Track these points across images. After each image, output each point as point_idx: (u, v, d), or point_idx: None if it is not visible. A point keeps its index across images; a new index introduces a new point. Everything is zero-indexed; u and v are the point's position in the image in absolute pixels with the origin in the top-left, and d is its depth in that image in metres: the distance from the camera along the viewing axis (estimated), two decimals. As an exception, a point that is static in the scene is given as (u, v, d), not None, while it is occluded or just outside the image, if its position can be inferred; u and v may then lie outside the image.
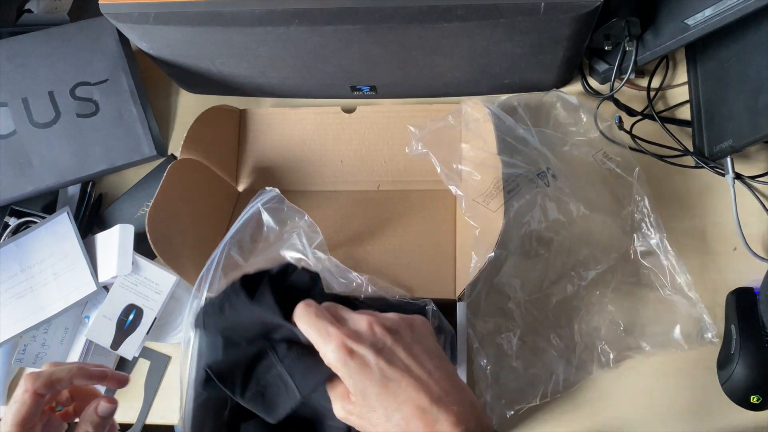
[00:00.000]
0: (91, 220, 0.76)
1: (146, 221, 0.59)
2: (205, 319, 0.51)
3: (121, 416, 0.72)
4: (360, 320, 0.44)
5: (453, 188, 0.64)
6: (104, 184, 0.80)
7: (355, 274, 0.60)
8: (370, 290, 0.60)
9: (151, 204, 0.61)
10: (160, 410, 0.72)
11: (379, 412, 0.41)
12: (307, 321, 0.44)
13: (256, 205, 0.62)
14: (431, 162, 0.66)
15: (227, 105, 0.75)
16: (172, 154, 0.78)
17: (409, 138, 0.68)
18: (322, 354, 0.43)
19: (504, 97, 0.68)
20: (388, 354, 0.42)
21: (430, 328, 0.47)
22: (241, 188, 0.76)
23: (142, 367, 0.73)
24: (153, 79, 0.80)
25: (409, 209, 0.71)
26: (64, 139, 0.74)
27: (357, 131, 0.74)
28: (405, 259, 0.67)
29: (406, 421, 0.40)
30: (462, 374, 0.58)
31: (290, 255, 0.62)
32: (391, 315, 0.45)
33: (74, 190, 0.77)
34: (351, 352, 0.41)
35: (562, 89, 0.74)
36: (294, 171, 0.75)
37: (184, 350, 0.60)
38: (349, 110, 0.75)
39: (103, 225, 0.75)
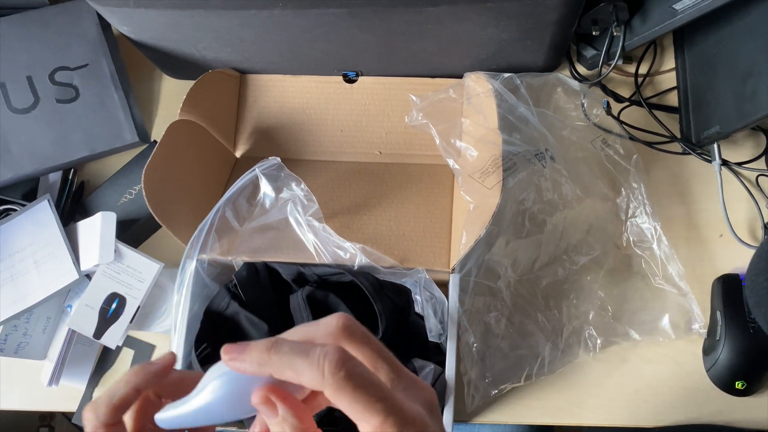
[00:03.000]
0: (72, 207, 0.75)
1: (142, 178, 0.59)
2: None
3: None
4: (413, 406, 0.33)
5: (450, 162, 0.64)
6: (86, 172, 0.78)
7: (348, 243, 0.60)
8: (362, 260, 0.60)
9: (148, 161, 0.60)
10: (145, 400, 0.71)
11: None
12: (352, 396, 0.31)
13: (254, 170, 0.62)
14: (431, 136, 0.66)
15: (227, 70, 0.74)
16: (155, 141, 0.77)
17: (411, 110, 0.68)
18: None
19: (507, 74, 0.67)
20: None
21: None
22: (238, 154, 0.76)
23: (126, 356, 0.72)
24: (135, 65, 0.78)
25: (406, 182, 0.71)
26: (44, 125, 0.73)
27: (358, 102, 0.74)
28: (400, 230, 0.67)
29: None
30: (452, 347, 0.59)
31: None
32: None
33: (55, 178, 0.76)
34: None
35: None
36: (293, 139, 0.75)
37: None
38: (351, 80, 0.74)
39: (85, 213, 0.74)
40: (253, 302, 0.62)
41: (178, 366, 0.60)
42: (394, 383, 0.32)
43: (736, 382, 0.63)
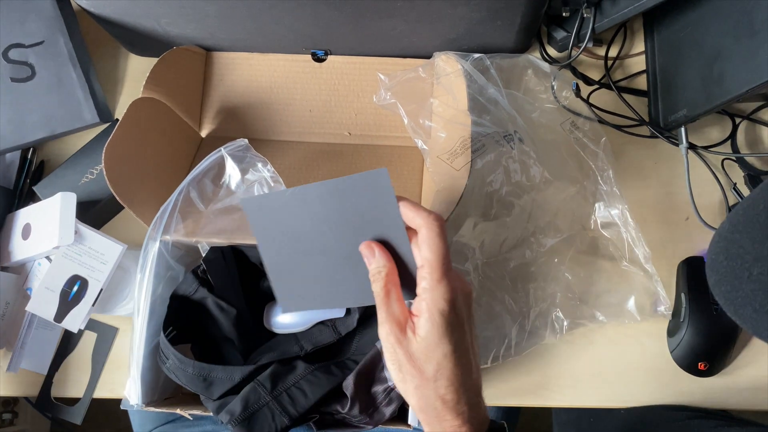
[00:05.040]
0: (31, 188, 0.73)
1: (103, 157, 0.58)
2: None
3: (68, 391, 0.70)
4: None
5: (419, 142, 0.64)
6: (46, 151, 0.76)
7: None
8: None
9: (108, 140, 0.59)
10: (108, 383, 0.70)
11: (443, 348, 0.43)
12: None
13: (220, 150, 0.61)
14: (401, 117, 0.65)
15: (193, 46, 0.72)
16: (117, 119, 0.75)
17: (379, 89, 0.67)
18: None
19: (477, 55, 0.67)
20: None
21: None
22: (204, 133, 0.74)
23: (89, 339, 0.71)
24: (97, 41, 0.76)
25: (376, 163, 0.71)
26: (-1, 105, 0.70)
27: (327, 81, 0.73)
28: None
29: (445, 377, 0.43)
30: None
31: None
32: None
33: (13, 157, 0.73)
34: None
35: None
36: (260, 118, 0.73)
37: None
38: (319, 59, 0.73)
39: (45, 193, 0.72)
40: (221, 287, 0.62)
41: (143, 349, 0.59)
42: None
43: (699, 363, 0.63)
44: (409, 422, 0.56)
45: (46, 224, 0.66)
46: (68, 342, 0.71)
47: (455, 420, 0.43)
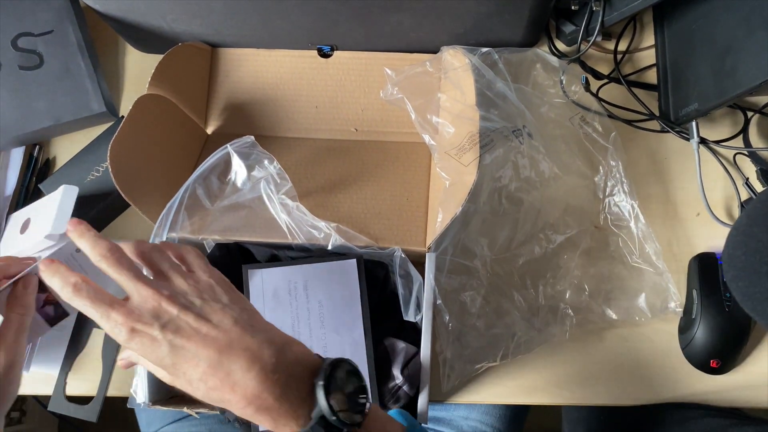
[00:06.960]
0: (38, 185, 0.73)
1: (109, 154, 0.57)
2: None
3: (81, 389, 0.70)
4: (146, 298, 0.43)
5: (426, 138, 0.63)
6: (53, 149, 0.76)
7: (323, 223, 0.59)
8: (337, 240, 0.59)
9: (114, 136, 0.58)
10: (115, 381, 0.69)
11: (182, 379, 0.43)
12: (85, 302, 0.43)
13: (226, 147, 0.60)
14: (408, 113, 0.64)
15: (198, 43, 0.72)
16: (122, 116, 0.75)
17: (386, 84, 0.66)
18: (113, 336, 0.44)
19: (485, 49, 0.66)
20: (173, 325, 0.43)
21: (204, 260, 0.49)
22: (209, 130, 0.74)
23: (98, 337, 0.70)
24: (101, 38, 0.76)
25: (383, 160, 0.70)
26: (5, 93, 0.70)
27: (333, 77, 0.72)
28: (376, 209, 0.66)
29: (204, 381, 0.42)
30: (427, 326, 0.58)
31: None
32: (178, 281, 0.46)
33: (18, 155, 0.73)
34: (136, 332, 0.42)
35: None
36: (266, 115, 0.73)
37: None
38: (326, 55, 0.72)
39: (51, 190, 0.71)
40: None
41: None
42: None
43: (711, 361, 0.63)
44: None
45: (44, 216, 0.66)
46: (78, 340, 0.70)
47: None
